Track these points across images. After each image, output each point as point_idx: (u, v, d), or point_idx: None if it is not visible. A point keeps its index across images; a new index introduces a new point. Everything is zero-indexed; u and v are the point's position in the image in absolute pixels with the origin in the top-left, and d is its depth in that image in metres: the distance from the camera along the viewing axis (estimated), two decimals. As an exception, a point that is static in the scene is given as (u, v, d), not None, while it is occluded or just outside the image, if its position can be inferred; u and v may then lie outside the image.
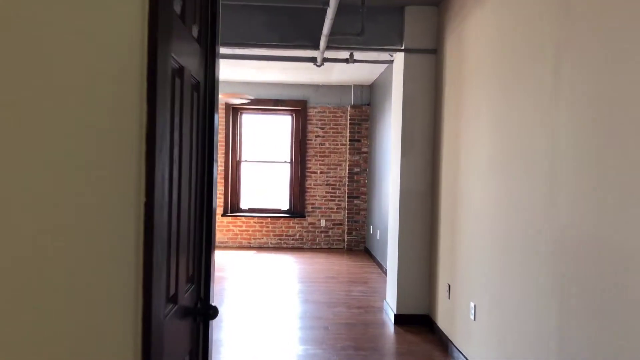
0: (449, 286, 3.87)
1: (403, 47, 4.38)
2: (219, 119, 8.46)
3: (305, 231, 8.33)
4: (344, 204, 8.31)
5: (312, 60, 4.74)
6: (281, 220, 8.30)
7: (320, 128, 8.31)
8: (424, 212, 4.41)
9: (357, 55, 4.81)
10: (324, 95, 8.30)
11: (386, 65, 6.71)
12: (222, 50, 4.71)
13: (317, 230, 8.34)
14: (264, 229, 8.30)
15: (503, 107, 2.96)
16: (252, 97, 6.74)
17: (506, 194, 2.88)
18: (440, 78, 4.25)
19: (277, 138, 8.53)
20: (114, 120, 0.84)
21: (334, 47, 4.33)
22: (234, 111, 8.35)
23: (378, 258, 7.01)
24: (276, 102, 8.26)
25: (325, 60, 4.72)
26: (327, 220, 8.34)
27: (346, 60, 4.71)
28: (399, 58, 4.54)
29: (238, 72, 7.45)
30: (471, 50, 3.55)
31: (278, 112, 8.49)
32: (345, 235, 8.26)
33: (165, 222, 1.12)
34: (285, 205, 8.49)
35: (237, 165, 8.42)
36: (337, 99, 8.30)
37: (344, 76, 7.55)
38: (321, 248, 8.31)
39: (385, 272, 6.38)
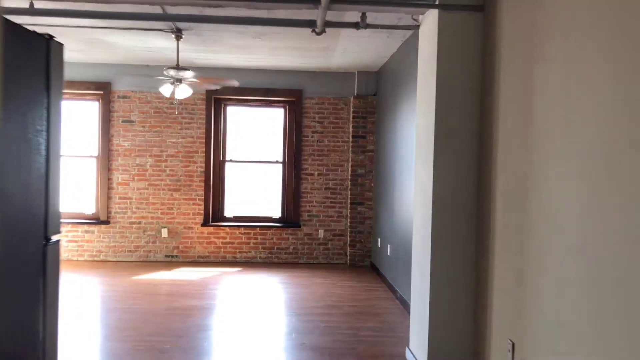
0: (513, 345, 2.64)
1: (437, 2, 3.14)
2: (198, 110, 7.24)
3: (300, 243, 7.08)
4: (346, 212, 7.07)
5: (311, 24, 3.49)
6: (272, 231, 7.05)
7: (319, 122, 7.07)
8: (467, 231, 3.18)
9: (371, 18, 3.56)
10: (322, 84, 7.06)
11: (399, 43, 5.48)
12: (183, 10, 3.46)
13: (314, 243, 7.09)
14: (252, 240, 7.04)
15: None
16: (236, 83, 5.50)
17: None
18: (492, 45, 3.01)
19: (268, 134, 7.28)
20: None
21: (339, 1, 3.09)
22: (217, 102, 7.10)
23: (389, 278, 5.77)
24: (266, 91, 7.01)
25: (327, 24, 3.47)
26: (326, 231, 7.09)
27: (356, 25, 3.47)
28: (429, 19, 3.30)
29: (220, 56, 6.18)
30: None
31: (268, 104, 7.24)
32: (348, 248, 7.01)
33: None
34: (277, 213, 7.24)
35: (220, 166, 7.16)
36: (338, 88, 7.06)
37: (346, 60, 6.31)
38: (319, 263, 7.06)
39: (399, 298, 5.14)
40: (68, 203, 7.09)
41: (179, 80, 5.06)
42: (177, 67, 5.04)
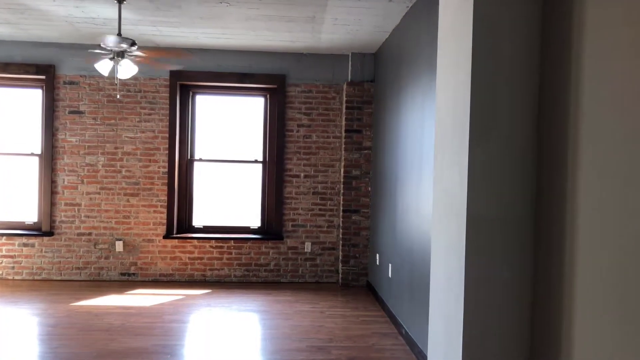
0: None
1: None
2: (160, 99, 6.01)
3: (283, 259, 5.93)
4: (338, 221, 5.93)
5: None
6: (250, 244, 5.89)
7: (305, 114, 5.93)
8: (520, 260, 2.05)
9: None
10: (309, 68, 5.92)
11: (404, 11, 4.37)
12: None
13: (300, 258, 5.95)
14: (225, 255, 5.88)
15: None
16: (187, 56, 4.35)
17: None
18: (566, -33, 1.89)
19: (245, 128, 6.14)
20: None
21: None
22: (184, 89, 5.94)
23: (390, 306, 4.63)
24: (242, 76, 5.86)
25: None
26: (314, 244, 5.95)
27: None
28: (460, -60, 2.16)
29: (184, 31, 5.04)
30: None
31: (246, 92, 6.09)
32: (340, 264, 5.87)
33: None
34: (255, 223, 6.09)
35: (187, 166, 6.01)
36: (329, 72, 5.93)
37: (337, 37, 5.18)
38: (306, 283, 5.91)
39: (404, 335, 4.01)
40: (2, 210, 5.92)
41: (121, 55, 3.91)
42: (118, 37, 3.88)
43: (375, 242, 5.47)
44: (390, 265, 4.71)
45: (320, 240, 5.94)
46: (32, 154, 5.85)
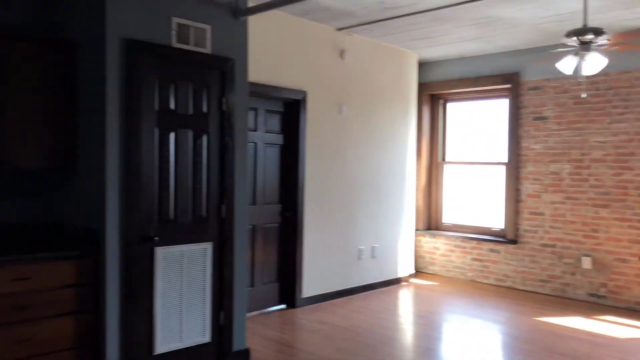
0: None
1: None
2: (635, 95, 5.00)
3: None
4: None
5: None
6: None
7: None
8: None
9: None
10: None
11: None
12: None
13: None
14: None
15: None
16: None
17: None
18: None
19: None
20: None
21: None
22: None
23: None
24: None
25: None
26: None
27: None
28: None
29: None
30: None
31: None
32: None
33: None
34: None
35: (675, 173, 4.82)
36: None
37: None
38: None
39: None
40: (473, 216, 6.33)
41: (586, 48, 3.43)
42: (583, 29, 3.42)
43: None
44: None
45: None
46: (500, 163, 6.01)
